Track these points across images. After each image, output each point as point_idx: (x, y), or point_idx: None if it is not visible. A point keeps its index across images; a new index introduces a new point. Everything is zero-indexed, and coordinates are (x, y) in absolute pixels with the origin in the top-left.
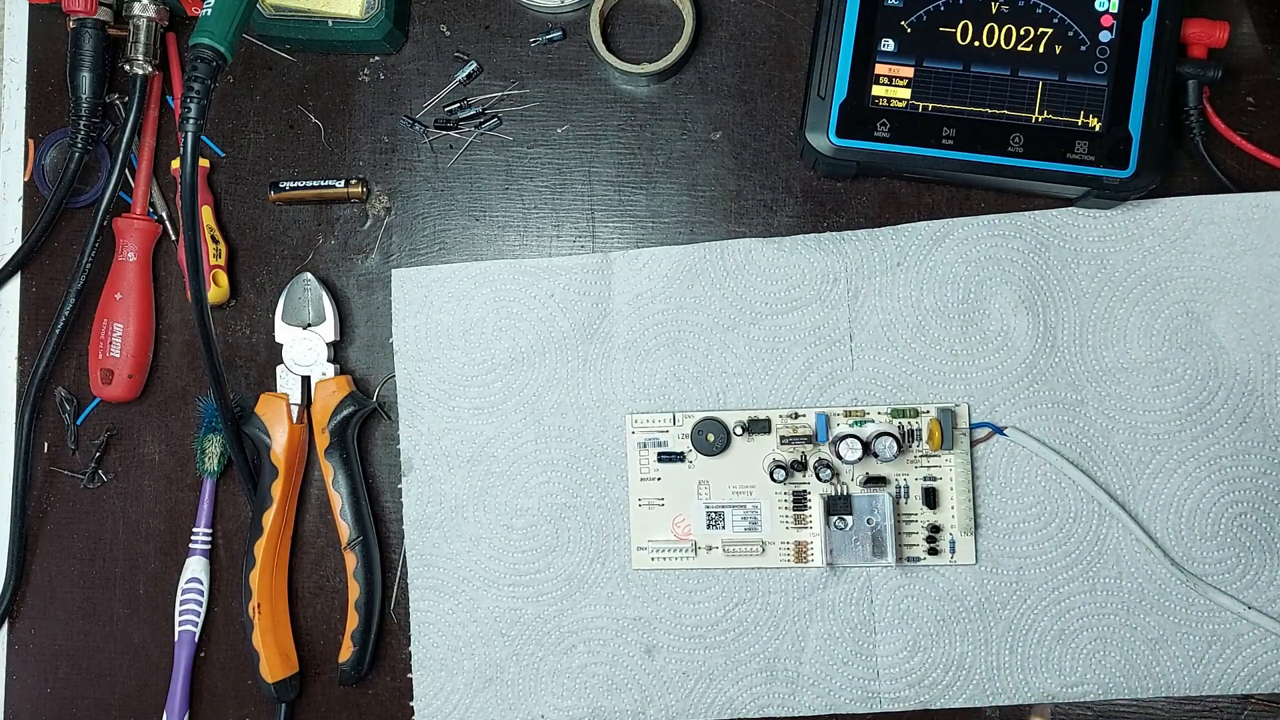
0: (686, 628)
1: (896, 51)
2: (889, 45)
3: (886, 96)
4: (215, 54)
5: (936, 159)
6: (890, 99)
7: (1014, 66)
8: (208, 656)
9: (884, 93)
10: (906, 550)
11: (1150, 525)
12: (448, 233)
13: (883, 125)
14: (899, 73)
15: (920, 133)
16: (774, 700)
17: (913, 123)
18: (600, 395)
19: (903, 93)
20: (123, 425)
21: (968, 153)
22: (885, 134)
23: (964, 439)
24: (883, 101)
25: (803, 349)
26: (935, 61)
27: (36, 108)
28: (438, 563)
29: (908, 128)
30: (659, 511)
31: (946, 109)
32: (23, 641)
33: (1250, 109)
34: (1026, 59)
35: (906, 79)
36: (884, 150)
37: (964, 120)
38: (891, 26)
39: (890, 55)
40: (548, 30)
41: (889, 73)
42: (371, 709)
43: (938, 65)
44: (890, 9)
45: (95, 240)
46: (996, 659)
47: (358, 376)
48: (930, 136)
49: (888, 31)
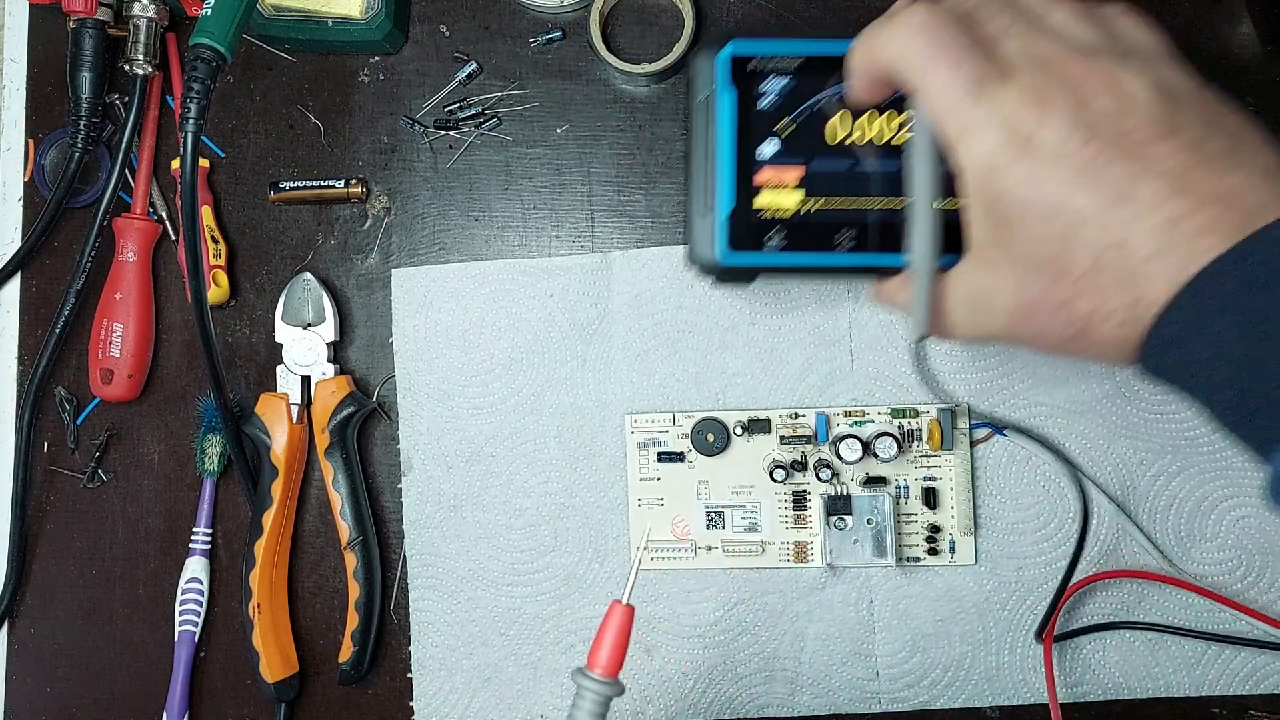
0: (685, 628)
1: (781, 154)
2: (770, 149)
3: (776, 205)
4: (215, 54)
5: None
6: (780, 207)
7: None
8: (208, 656)
9: (772, 201)
10: (906, 550)
11: (1150, 527)
12: (447, 233)
13: (774, 235)
14: (786, 177)
15: (815, 238)
16: (773, 700)
17: (806, 229)
18: (600, 395)
19: (793, 198)
20: (123, 425)
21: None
22: (778, 244)
23: (964, 439)
24: (772, 211)
25: (803, 349)
26: (823, 160)
27: (36, 108)
28: (437, 562)
29: (802, 234)
30: (658, 511)
31: (840, 212)
32: (23, 641)
33: (1250, 109)
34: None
35: (795, 181)
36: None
37: (860, 221)
38: (770, 129)
39: (774, 159)
40: (548, 30)
41: (775, 178)
42: (371, 709)
43: (826, 164)
44: (766, 111)
45: (95, 240)
46: (996, 659)
47: (358, 376)
48: (825, 241)
49: (767, 134)
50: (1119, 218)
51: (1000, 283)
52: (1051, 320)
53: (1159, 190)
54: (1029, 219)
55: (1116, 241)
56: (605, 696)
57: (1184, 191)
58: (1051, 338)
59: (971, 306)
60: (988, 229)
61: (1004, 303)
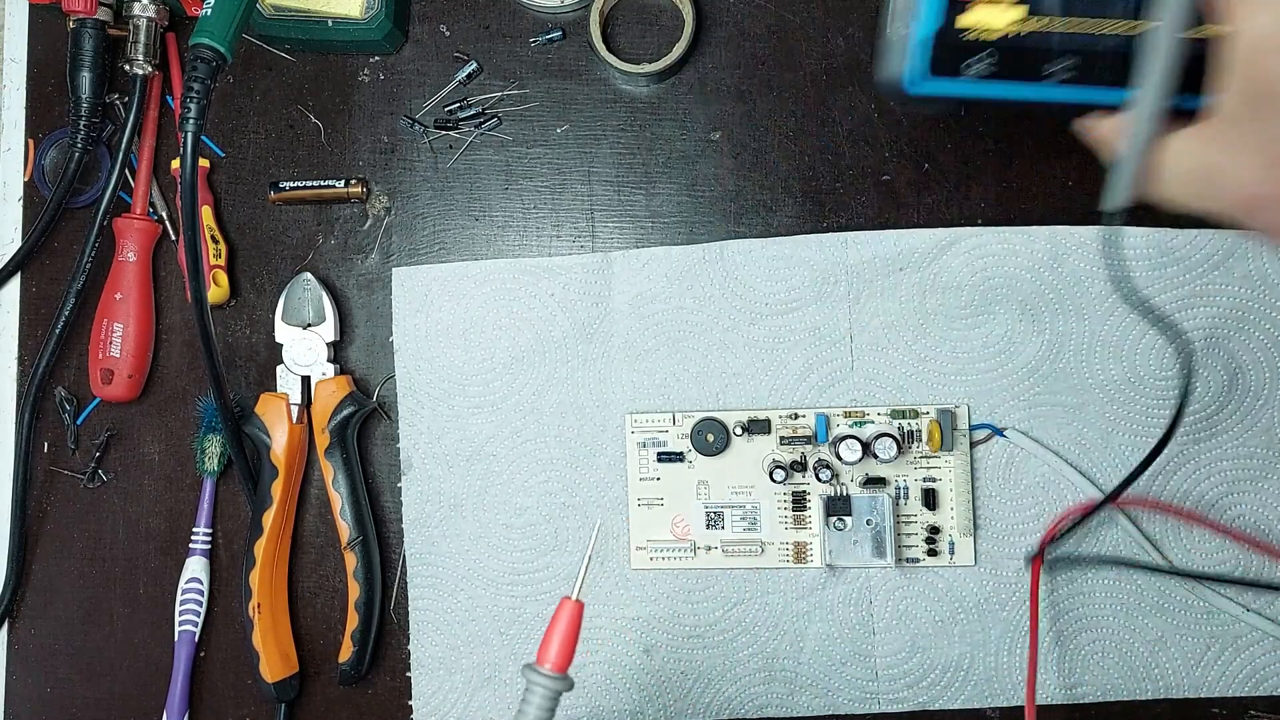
0: (685, 628)
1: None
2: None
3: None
4: (215, 54)
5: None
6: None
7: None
8: (208, 656)
9: (981, 18)
10: (905, 551)
11: (1149, 527)
12: (448, 233)
13: (984, 58)
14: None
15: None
16: (772, 700)
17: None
18: (600, 395)
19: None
20: (123, 425)
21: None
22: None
23: (964, 440)
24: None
25: (803, 349)
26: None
27: (36, 108)
28: (437, 561)
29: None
30: (658, 511)
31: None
32: (23, 641)
33: None
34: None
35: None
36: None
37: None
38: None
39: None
40: (548, 30)
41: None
42: (371, 709)
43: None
44: None
45: (95, 240)
46: (995, 660)
47: (358, 376)
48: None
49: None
50: None
51: (1242, 163)
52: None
53: None
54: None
55: None
56: (555, 691)
57: None
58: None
59: (1198, 178)
60: (1244, 105)
61: (1240, 185)
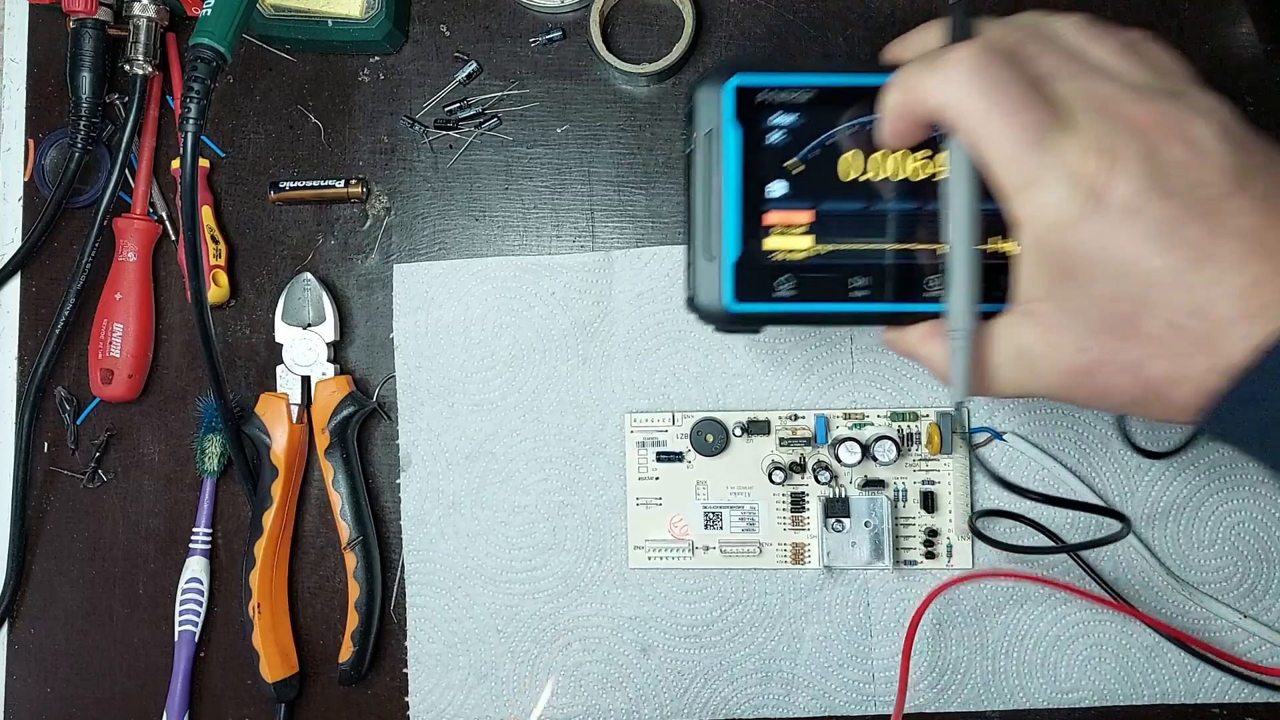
0: (682, 627)
1: (788, 196)
2: (778, 190)
3: (784, 249)
4: (215, 54)
5: (849, 314)
6: (789, 251)
7: (922, 199)
8: (208, 656)
9: (780, 245)
10: (904, 553)
11: (1147, 532)
12: (448, 232)
13: (784, 283)
14: (795, 219)
15: (827, 287)
16: (769, 701)
17: (816, 276)
18: (599, 394)
19: (803, 242)
20: (123, 425)
21: (882, 303)
22: (788, 292)
23: (963, 444)
24: (780, 255)
25: (803, 350)
26: (834, 202)
27: (36, 108)
28: (435, 559)
29: (812, 282)
30: (656, 511)
31: (853, 256)
32: (23, 641)
33: (1250, 109)
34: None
35: (804, 225)
36: (789, 311)
37: (874, 266)
38: (778, 168)
39: (782, 201)
40: (548, 30)
41: (783, 220)
42: (371, 708)
43: (837, 206)
44: (774, 148)
45: (95, 240)
46: (992, 664)
47: (358, 376)
48: (838, 289)
49: (774, 174)
50: (1200, 280)
51: (1056, 340)
52: (1117, 381)
53: (1237, 251)
54: (1099, 277)
55: (1198, 305)
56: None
57: (1262, 251)
58: (1116, 398)
59: (1019, 364)
60: (1044, 284)
61: (1059, 361)
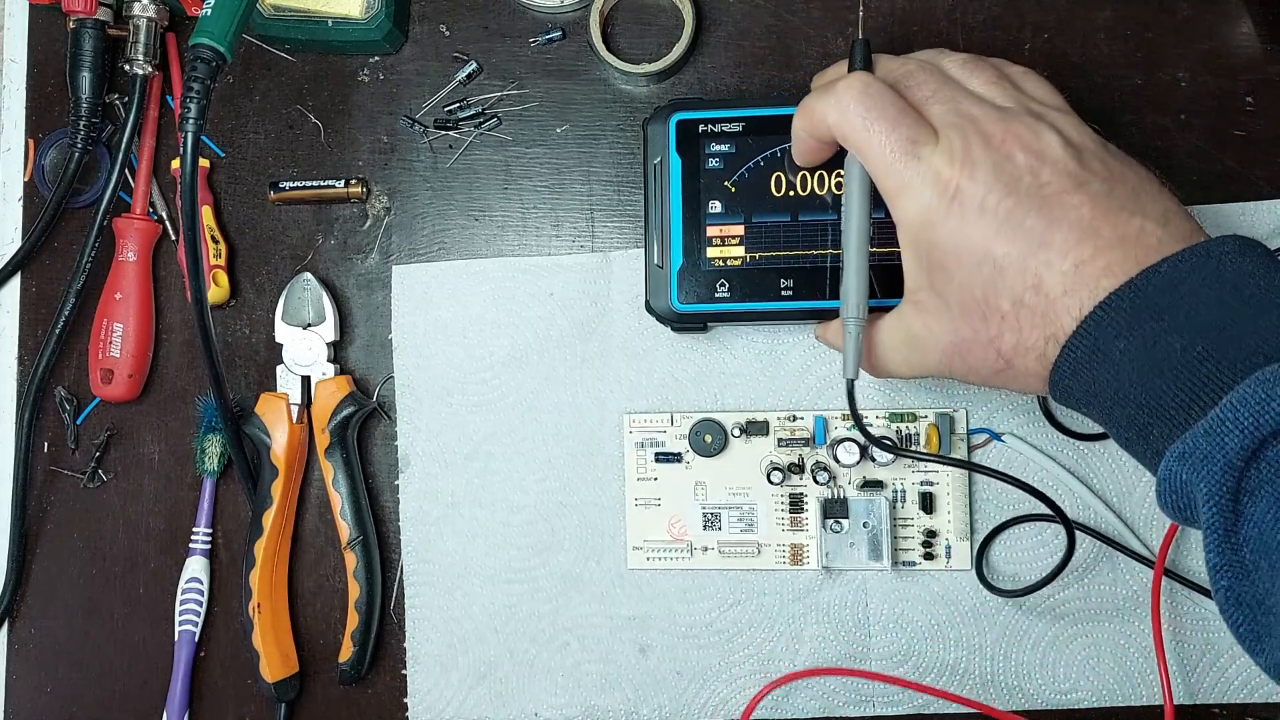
0: (681, 628)
1: (724, 212)
2: (716, 207)
3: (722, 257)
4: (215, 54)
5: (778, 310)
6: (726, 259)
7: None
8: (208, 656)
9: (719, 254)
10: (902, 554)
11: (1146, 533)
12: (447, 232)
13: (722, 285)
14: (730, 232)
15: (759, 288)
16: (767, 701)
17: (750, 279)
18: (598, 394)
19: (737, 250)
20: (123, 425)
21: (807, 300)
22: (726, 294)
23: (961, 444)
24: (719, 262)
25: (801, 351)
26: (763, 215)
27: (36, 108)
28: (433, 559)
29: (746, 284)
30: (655, 511)
31: (780, 261)
32: (23, 641)
33: (1250, 109)
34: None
35: (738, 237)
36: (727, 310)
37: (799, 269)
38: (715, 189)
39: (719, 216)
40: (547, 30)
41: (721, 233)
42: (371, 708)
43: (766, 219)
44: (711, 172)
45: (95, 240)
46: (990, 665)
47: (358, 376)
48: (769, 290)
49: (713, 194)
50: (1037, 263)
51: (935, 323)
52: (982, 355)
53: (1070, 238)
54: (960, 266)
55: (1034, 284)
56: None
57: (1091, 237)
58: (982, 371)
59: (909, 347)
60: (922, 275)
61: (938, 341)
